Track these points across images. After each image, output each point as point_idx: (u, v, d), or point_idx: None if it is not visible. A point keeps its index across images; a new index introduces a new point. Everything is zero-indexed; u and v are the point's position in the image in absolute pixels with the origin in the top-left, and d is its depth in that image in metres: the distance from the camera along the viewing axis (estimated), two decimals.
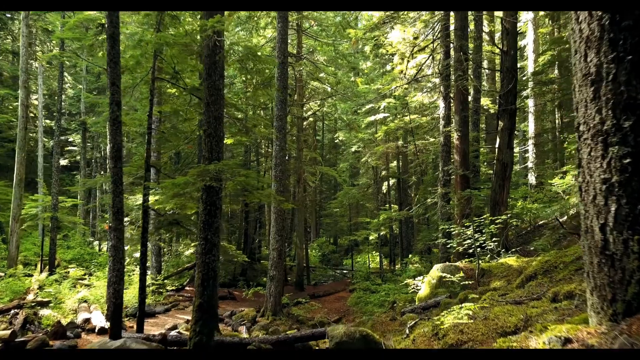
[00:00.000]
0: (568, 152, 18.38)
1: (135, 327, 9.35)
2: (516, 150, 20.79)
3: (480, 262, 7.86)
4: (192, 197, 7.34)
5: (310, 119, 28.43)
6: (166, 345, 7.60)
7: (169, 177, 8.74)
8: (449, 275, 8.28)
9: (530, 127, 21.56)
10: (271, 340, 7.94)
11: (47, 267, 18.75)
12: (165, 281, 18.62)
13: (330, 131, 40.82)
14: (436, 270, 8.53)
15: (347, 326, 6.20)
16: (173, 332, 10.24)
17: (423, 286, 8.85)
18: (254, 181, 6.69)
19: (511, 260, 8.34)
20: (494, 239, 8.78)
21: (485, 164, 19.95)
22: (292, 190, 22.77)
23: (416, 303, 8.92)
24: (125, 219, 18.93)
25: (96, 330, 10.82)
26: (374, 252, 29.81)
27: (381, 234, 28.41)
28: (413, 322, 4.63)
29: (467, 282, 8.05)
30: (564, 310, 3.06)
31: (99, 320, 11.14)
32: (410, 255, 25.96)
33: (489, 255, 9.21)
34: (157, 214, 9.06)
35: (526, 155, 23.18)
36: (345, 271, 28.27)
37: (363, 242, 19.77)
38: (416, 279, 9.46)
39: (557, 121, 22.85)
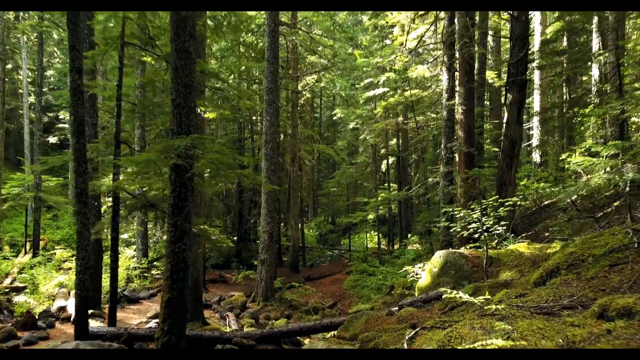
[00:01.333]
0: (579, 129, 17.42)
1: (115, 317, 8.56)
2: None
3: (488, 249, 7.02)
4: (162, 177, 6.46)
5: (308, 95, 27.32)
6: (133, 342, 6.82)
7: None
8: (452, 262, 7.47)
9: (536, 102, 20.50)
10: (255, 335, 7.17)
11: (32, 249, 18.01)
12: (155, 263, 17.91)
13: (328, 108, 39.68)
14: (438, 258, 7.70)
15: (328, 341, 5.41)
16: (152, 323, 9.51)
17: (424, 275, 8.03)
18: (229, 159, 5.79)
19: (522, 246, 7.50)
20: (501, 222, 7.92)
21: (489, 141, 19.00)
22: (288, 169, 21.85)
23: (416, 294, 8.12)
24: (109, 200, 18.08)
25: (72, 319, 10.07)
26: (372, 231, 29.10)
27: (379, 213, 27.69)
28: (413, 333, 3.79)
29: (473, 271, 7.24)
30: (624, 336, 2.21)
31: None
32: (409, 235, 25.28)
33: (496, 241, 8.37)
34: (130, 195, 8.18)
35: (531, 132, 22.18)
36: (342, 251, 27.62)
37: (361, 222, 19.05)
38: (416, 266, 8.66)
39: (564, 96, 21.78)
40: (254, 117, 25.05)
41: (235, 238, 25.26)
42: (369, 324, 6.24)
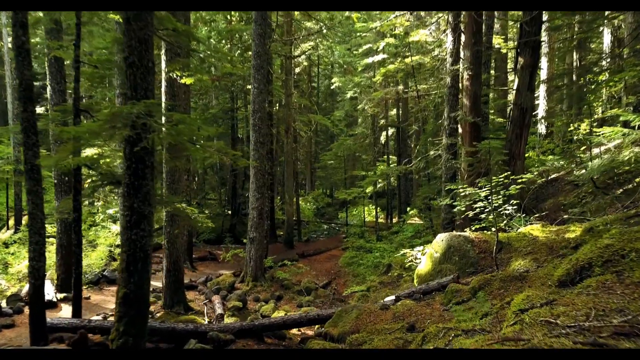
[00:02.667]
0: (590, 98, 16.33)
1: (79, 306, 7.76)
2: None
3: (498, 233, 6.14)
4: (116, 150, 5.54)
5: (305, 63, 25.99)
6: (93, 337, 6.03)
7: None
8: (456, 245, 6.62)
9: (543, 69, 19.30)
10: (234, 328, 6.38)
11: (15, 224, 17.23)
12: None
13: (326, 77, 38.29)
14: (441, 242, 6.84)
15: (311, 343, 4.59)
16: None
17: (424, 260, 7.19)
18: (191, 129, 4.82)
19: (535, 229, 6.62)
20: (511, 201, 7.03)
21: (493, 111, 17.93)
22: (283, 141, 20.82)
23: (415, 281, 7.30)
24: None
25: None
26: (370, 205, 28.32)
27: (378, 187, 26.80)
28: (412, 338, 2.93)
29: (480, 258, 6.39)
30: None
31: (47, 291, 9.62)
32: (408, 209, 24.50)
33: (504, 222, 7.50)
34: (94, 171, 7.24)
35: (536, 102, 21.02)
36: (339, 225, 26.91)
37: (359, 195, 18.31)
38: (415, 249, 7.81)
39: (574, 63, 20.55)
40: (248, 87, 23.83)
41: (229, 212, 24.53)
42: (360, 320, 5.42)
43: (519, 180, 6.66)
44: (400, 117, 22.22)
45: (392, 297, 6.62)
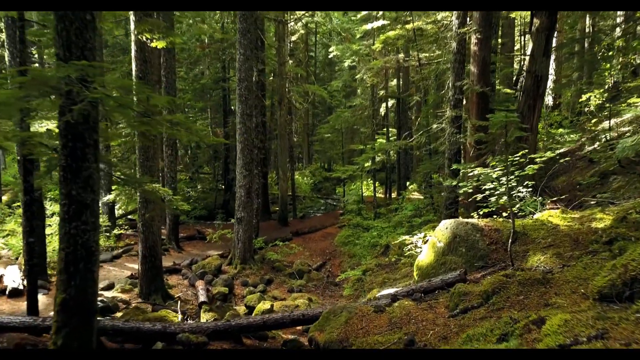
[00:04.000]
0: (603, 67, 15.20)
1: (35, 302, 6.96)
2: None
3: (514, 221, 5.26)
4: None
5: (301, 31, 24.59)
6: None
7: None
8: (463, 235, 5.77)
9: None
10: (207, 329, 5.58)
11: None
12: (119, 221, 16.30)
13: (324, 46, 36.71)
14: (445, 229, 5.96)
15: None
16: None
17: (425, 249, 6.34)
18: (136, 98, 3.87)
19: (555, 216, 5.74)
20: (526, 182, 6.13)
21: (499, 81, 16.82)
22: (277, 113, 19.75)
23: (414, 274, 6.47)
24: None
25: (7, 292, 8.56)
26: (368, 179, 27.41)
27: (377, 159, 25.82)
28: None
29: (491, 250, 5.54)
30: None
31: (13, 278, 8.84)
32: (408, 184, 23.66)
33: (517, 206, 6.60)
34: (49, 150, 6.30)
35: None
36: (337, 200, 26.12)
37: (354, 173, 17.39)
38: (415, 236, 6.94)
39: (587, 29, 19.26)
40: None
41: (222, 187, 23.66)
42: (350, 326, 4.60)
43: (537, 160, 5.73)
44: (401, 88, 21.05)
45: (389, 292, 5.81)
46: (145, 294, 8.58)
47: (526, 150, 5.66)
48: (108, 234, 12.43)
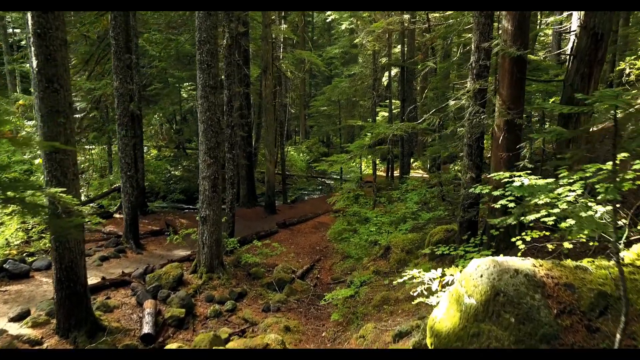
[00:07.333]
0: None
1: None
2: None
3: (621, 270, 2.97)
4: None
5: None
6: None
7: None
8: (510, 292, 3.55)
9: None
10: None
11: None
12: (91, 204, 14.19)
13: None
14: (478, 278, 3.69)
15: None
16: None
17: (444, 301, 4.09)
18: None
19: None
20: (599, 197, 3.82)
21: (530, 43, 14.15)
22: (261, 84, 17.20)
23: (427, 340, 4.23)
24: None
25: None
26: (369, 155, 25.01)
27: (378, 136, 23.35)
28: None
29: (562, 328, 3.29)
30: None
31: None
32: (412, 161, 21.40)
33: (620, 246, 4.28)
34: None
35: (567, 36, 16.99)
36: (334, 179, 23.85)
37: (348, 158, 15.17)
38: (426, 275, 4.66)
39: None
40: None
41: None
42: None
43: (637, 166, 3.39)
44: (406, 55, 18.37)
45: None
46: (64, 329, 6.46)
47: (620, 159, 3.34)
48: (43, 234, 10.19)
